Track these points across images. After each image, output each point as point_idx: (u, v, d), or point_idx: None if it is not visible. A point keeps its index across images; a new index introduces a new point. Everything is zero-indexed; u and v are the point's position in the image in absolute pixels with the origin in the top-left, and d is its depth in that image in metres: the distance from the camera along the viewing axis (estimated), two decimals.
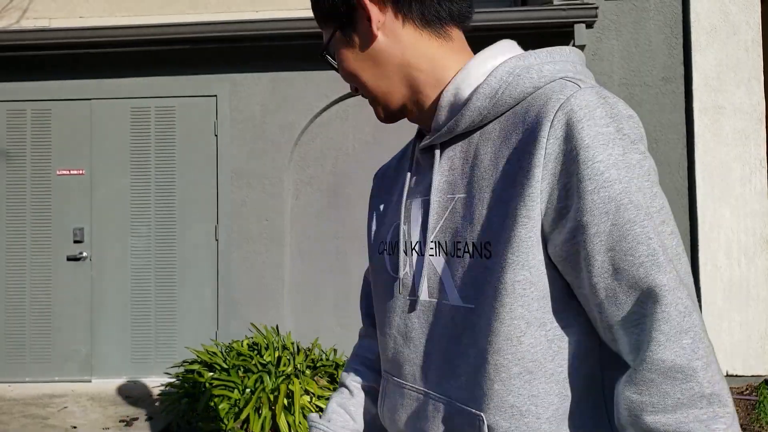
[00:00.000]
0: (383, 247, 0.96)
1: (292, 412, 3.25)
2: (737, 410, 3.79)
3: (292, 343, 3.89)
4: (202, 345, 3.99)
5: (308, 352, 3.96)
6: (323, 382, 3.63)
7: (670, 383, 0.66)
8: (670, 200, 4.36)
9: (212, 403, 3.41)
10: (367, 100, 0.90)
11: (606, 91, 0.73)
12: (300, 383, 3.36)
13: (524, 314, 0.74)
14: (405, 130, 3.89)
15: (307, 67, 4.49)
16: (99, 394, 4.25)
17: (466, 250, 0.79)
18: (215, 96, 4.53)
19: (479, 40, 4.63)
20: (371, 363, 1.10)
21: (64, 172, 4.59)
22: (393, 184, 1.01)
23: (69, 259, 4.53)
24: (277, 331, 4.15)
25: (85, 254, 4.52)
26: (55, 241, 4.56)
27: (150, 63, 4.54)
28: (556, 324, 0.75)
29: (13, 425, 3.72)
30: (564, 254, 0.72)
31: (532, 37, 4.37)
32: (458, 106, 0.80)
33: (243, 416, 3.28)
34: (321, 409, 3.43)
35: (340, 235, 4.53)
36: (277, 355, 3.67)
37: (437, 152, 0.85)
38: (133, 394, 4.22)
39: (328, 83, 4.47)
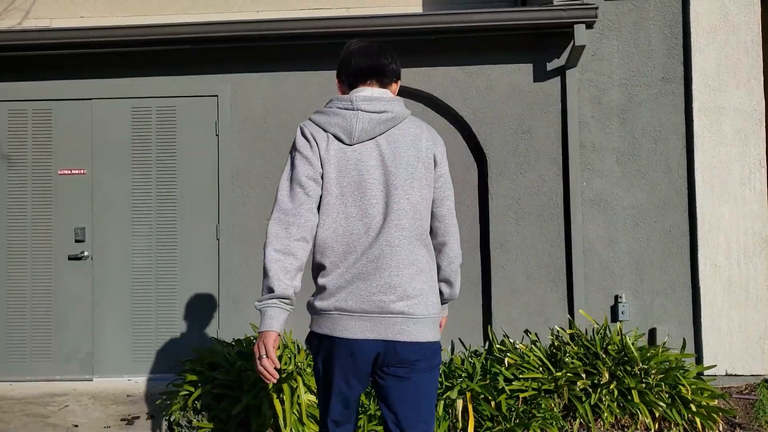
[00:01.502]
0: None
1: (294, 411, 3.26)
2: (737, 410, 3.81)
3: (293, 342, 3.90)
4: (201, 355, 3.98)
5: (309, 351, 3.97)
6: None
7: None
8: (670, 201, 4.37)
9: (213, 402, 3.43)
10: None
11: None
12: (302, 381, 3.37)
13: None
14: None
15: (307, 68, 4.51)
16: (100, 392, 4.26)
17: None
18: (216, 96, 4.55)
19: (479, 40, 4.58)
20: None
21: (66, 171, 4.60)
22: None
23: (70, 258, 4.55)
24: None
25: (86, 253, 4.53)
26: (56, 240, 4.57)
27: (151, 63, 4.56)
28: None
29: (14, 424, 3.73)
30: None
31: (531, 38, 4.38)
32: None
33: (239, 410, 3.29)
34: None
35: None
36: (278, 353, 3.68)
37: None
38: (134, 392, 4.23)
39: (328, 83, 4.49)
